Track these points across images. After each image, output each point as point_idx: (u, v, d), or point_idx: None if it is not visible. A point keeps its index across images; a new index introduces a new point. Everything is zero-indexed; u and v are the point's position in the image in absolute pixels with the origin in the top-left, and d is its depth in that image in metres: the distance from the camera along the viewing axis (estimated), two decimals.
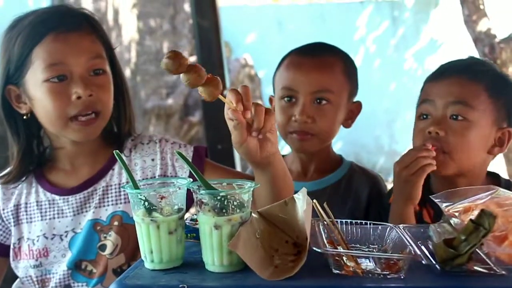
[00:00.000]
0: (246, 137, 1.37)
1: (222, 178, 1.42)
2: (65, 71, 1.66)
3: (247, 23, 8.82)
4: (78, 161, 1.80)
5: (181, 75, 1.33)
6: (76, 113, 1.67)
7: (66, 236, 1.75)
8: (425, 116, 1.83)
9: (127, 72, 6.80)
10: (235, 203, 1.22)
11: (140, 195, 1.26)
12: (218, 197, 1.21)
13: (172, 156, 1.78)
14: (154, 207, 1.26)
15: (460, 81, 1.80)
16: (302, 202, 1.28)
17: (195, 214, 1.31)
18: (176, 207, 1.27)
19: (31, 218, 1.78)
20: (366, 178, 2.07)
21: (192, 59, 6.95)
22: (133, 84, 6.88)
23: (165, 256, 1.26)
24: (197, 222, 1.29)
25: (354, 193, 2.02)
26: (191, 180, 1.30)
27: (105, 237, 1.73)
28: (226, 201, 1.21)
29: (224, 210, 1.21)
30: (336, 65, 2.02)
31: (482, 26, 4.62)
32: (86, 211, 1.75)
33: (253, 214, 1.28)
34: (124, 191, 1.75)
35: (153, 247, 1.26)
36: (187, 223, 1.37)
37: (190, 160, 1.71)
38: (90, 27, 1.74)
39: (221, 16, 3.54)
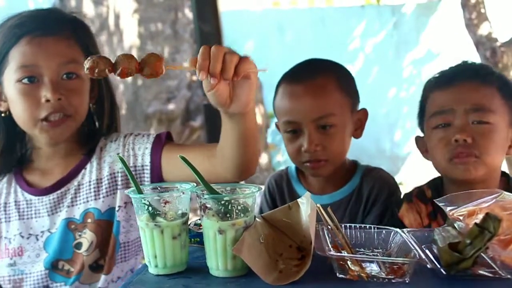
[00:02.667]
0: (215, 84, 1.32)
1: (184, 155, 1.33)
2: (36, 73, 1.68)
3: (248, 27, 8.82)
4: (53, 162, 1.81)
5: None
6: (45, 115, 1.69)
7: (42, 236, 1.76)
8: (443, 125, 1.80)
9: (128, 77, 6.80)
10: (239, 207, 1.22)
11: (144, 199, 1.26)
12: (222, 202, 1.21)
13: (133, 145, 1.78)
14: (158, 212, 1.26)
15: (473, 86, 1.79)
16: (306, 207, 1.28)
17: (199, 219, 1.31)
18: (180, 211, 1.27)
19: (9, 217, 1.79)
20: (379, 181, 2.03)
21: None
22: (134, 89, 6.88)
23: (169, 261, 1.26)
24: (201, 227, 1.29)
25: (368, 198, 1.98)
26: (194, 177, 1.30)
27: (79, 235, 1.74)
28: (230, 206, 1.21)
29: (228, 215, 1.21)
30: (330, 84, 1.97)
31: (483, 30, 4.63)
32: (60, 211, 1.76)
33: (257, 219, 1.28)
34: (94, 188, 1.76)
35: (157, 252, 1.26)
36: (190, 228, 1.37)
37: (151, 145, 1.74)
38: (71, 32, 1.75)
39: (222, 20, 3.54)
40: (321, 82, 1.97)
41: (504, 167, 4.53)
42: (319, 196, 1.97)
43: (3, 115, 1.76)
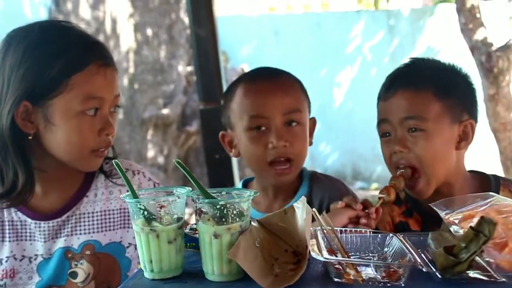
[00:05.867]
0: None
1: None
2: (98, 104, 1.62)
3: (243, 32, 8.84)
4: (50, 184, 1.72)
5: None
6: (98, 148, 1.66)
7: (35, 259, 1.72)
8: (387, 134, 1.84)
9: (124, 82, 6.80)
10: (234, 212, 1.22)
11: (140, 204, 1.26)
12: (218, 206, 1.21)
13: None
14: (153, 217, 1.26)
15: (406, 94, 1.79)
16: (301, 211, 1.28)
17: (195, 224, 1.30)
18: (175, 216, 1.27)
19: (2, 237, 1.72)
20: (327, 184, 2.02)
21: (190, 68, 6.96)
22: (130, 94, 6.88)
23: (165, 265, 1.25)
24: (196, 231, 1.29)
25: (320, 209, 1.95)
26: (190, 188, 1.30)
27: (76, 265, 1.70)
28: (225, 210, 1.21)
29: (223, 219, 1.21)
30: (294, 84, 1.98)
31: (478, 35, 4.64)
32: (57, 239, 1.71)
33: (252, 223, 1.27)
34: (98, 219, 1.73)
35: (152, 257, 1.25)
36: (186, 232, 1.37)
37: None
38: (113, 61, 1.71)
39: (218, 25, 3.55)
40: (287, 80, 1.98)
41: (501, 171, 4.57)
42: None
43: (29, 137, 1.61)
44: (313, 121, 2.02)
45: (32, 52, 1.58)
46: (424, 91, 1.78)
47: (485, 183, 1.85)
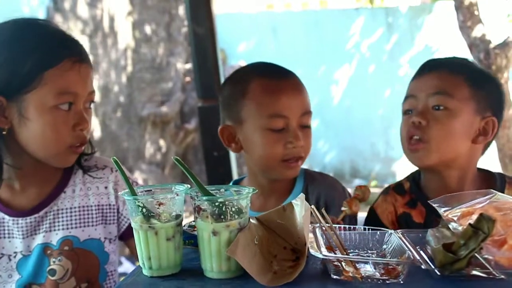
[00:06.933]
0: None
1: None
2: (75, 100, 1.64)
3: (241, 30, 8.84)
4: (27, 180, 1.72)
5: None
6: (73, 143, 1.66)
7: (14, 257, 1.71)
8: (410, 112, 1.86)
9: (123, 79, 6.80)
10: (233, 209, 1.22)
11: (138, 201, 1.25)
12: (216, 203, 1.21)
13: (121, 190, 1.76)
14: (152, 214, 1.25)
15: (440, 74, 1.83)
16: (300, 208, 1.28)
17: (193, 221, 1.30)
18: (174, 213, 1.27)
19: None
20: (321, 182, 2.03)
21: (188, 66, 6.95)
22: (129, 92, 6.87)
23: (163, 262, 1.25)
24: (195, 229, 1.29)
25: (315, 203, 1.95)
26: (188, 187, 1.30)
27: (54, 262, 1.70)
28: (224, 207, 1.21)
29: (222, 216, 1.21)
30: (303, 85, 1.98)
31: (477, 32, 4.63)
32: (36, 235, 1.71)
33: (251, 220, 1.27)
34: (76, 215, 1.74)
35: (151, 254, 1.25)
36: (185, 230, 1.37)
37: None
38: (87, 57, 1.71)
39: (216, 23, 3.54)
40: (298, 80, 1.98)
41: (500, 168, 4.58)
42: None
43: (3, 132, 1.63)
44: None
45: (6, 48, 1.60)
46: (457, 74, 1.82)
47: (490, 180, 1.85)
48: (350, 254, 1.32)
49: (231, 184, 2.10)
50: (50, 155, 1.66)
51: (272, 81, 1.92)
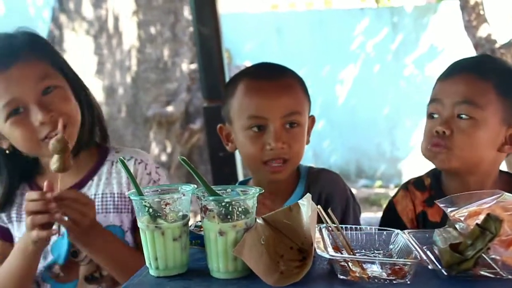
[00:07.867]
0: None
1: None
2: (20, 103, 1.68)
3: (247, 30, 8.84)
4: None
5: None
6: (45, 135, 1.69)
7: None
8: (434, 116, 1.82)
9: (128, 80, 6.80)
10: (240, 209, 1.22)
11: (145, 201, 1.26)
12: (223, 203, 1.21)
13: (143, 181, 1.84)
14: (158, 214, 1.25)
15: (467, 79, 1.78)
16: (306, 208, 1.28)
17: (200, 221, 1.30)
18: (180, 213, 1.27)
19: (21, 218, 1.82)
20: (323, 180, 2.02)
21: (193, 66, 6.95)
22: (134, 92, 6.88)
23: (170, 263, 1.25)
24: (201, 229, 1.29)
25: (316, 199, 1.94)
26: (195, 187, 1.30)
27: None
28: (231, 207, 1.21)
29: (229, 216, 1.21)
30: (296, 85, 1.96)
31: (482, 32, 4.63)
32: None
33: (258, 220, 1.27)
34: (99, 201, 1.81)
35: (157, 254, 1.25)
36: (191, 230, 1.37)
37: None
38: (29, 50, 1.73)
39: (221, 23, 3.54)
40: (289, 81, 1.95)
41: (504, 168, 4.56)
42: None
43: (7, 152, 1.78)
44: (312, 120, 2.01)
45: None
46: (485, 80, 1.77)
47: (510, 183, 1.83)
48: (357, 254, 1.32)
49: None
50: (34, 152, 1.78)
51: (254, 82, 1.94)
